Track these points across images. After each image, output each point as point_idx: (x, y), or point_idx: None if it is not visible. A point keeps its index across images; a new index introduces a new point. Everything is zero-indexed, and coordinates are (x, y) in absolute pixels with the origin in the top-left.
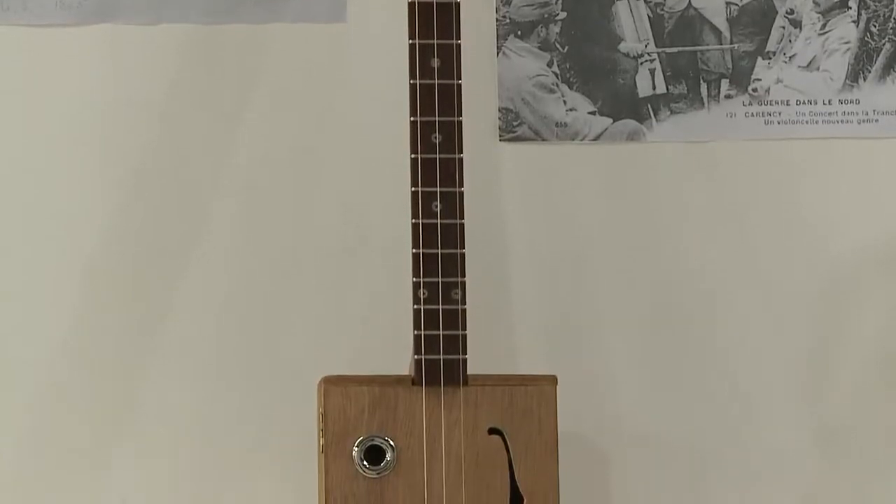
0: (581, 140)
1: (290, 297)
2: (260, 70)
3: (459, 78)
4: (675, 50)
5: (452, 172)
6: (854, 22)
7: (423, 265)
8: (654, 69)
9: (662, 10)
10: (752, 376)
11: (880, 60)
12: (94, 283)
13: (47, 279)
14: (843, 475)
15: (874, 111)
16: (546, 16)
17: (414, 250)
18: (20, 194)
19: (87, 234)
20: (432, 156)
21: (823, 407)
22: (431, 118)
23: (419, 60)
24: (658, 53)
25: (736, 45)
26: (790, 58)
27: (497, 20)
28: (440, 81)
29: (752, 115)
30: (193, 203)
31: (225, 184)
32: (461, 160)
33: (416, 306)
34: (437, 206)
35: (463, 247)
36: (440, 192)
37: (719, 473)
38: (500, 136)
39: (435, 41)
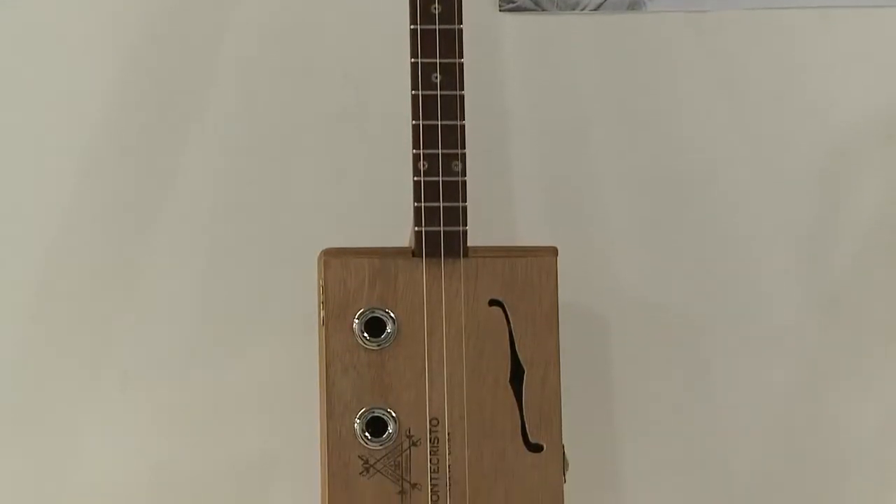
0: (581, 10)
1: (290, 170)
2: None
3: None
4: None
5: (452, 43)
6: None
7: (423, 137)
8: None
9: None
10: (753, 245)
11: None
12: (95, 152)
13: (50, 143)
14: (842, 344)
15: None
16: None
17: (414, 122)
18: (20, 66)
19: (91, 101)
20: (432, 27)
21: (823, 276)
22: None
23: None
24: None
25: None
26: None
27: None
28: None
29: None
30: (193, 72)
31: (225, 53)
32: (461, 31)
33: (416, 178)
34: (436, 78)
35: (463, 118)
36: (440, 63)
37: (720, 342)
38: (499, 6)
39: None
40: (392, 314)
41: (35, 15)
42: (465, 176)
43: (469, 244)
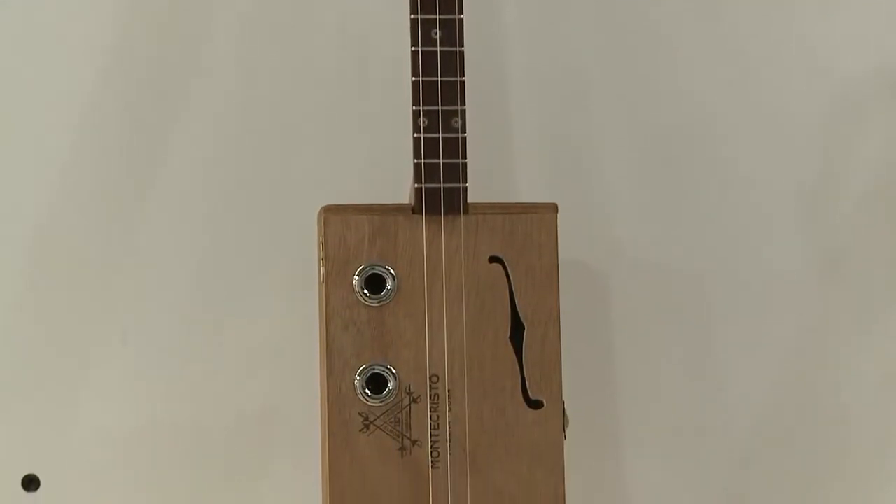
0: None
1: (290, 126)
2: None
3: None
4: None
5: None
6: None
7: (423, 93)
8: None
9: None
10: (754, 201)
11: None
12: (92, 111)
13: (49, 101)
14: (844, 300)
15: None
16: None
17: (413, 78)
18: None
19: (91, 56)
20: None
21: (825, 231)
22: None
23: None
24: None
25: None
26: None
27: None
28: None
29: None
30: (190, 29)
31: (223, 11)
32: None
33: (416, 135)
34: (436, 34)
35: (463, 74)
36: (440, 19)
37: (720, 299)
38: None
39: None
40: (392, 271)
41: None
42: (465, 132)
43: (469, 201)
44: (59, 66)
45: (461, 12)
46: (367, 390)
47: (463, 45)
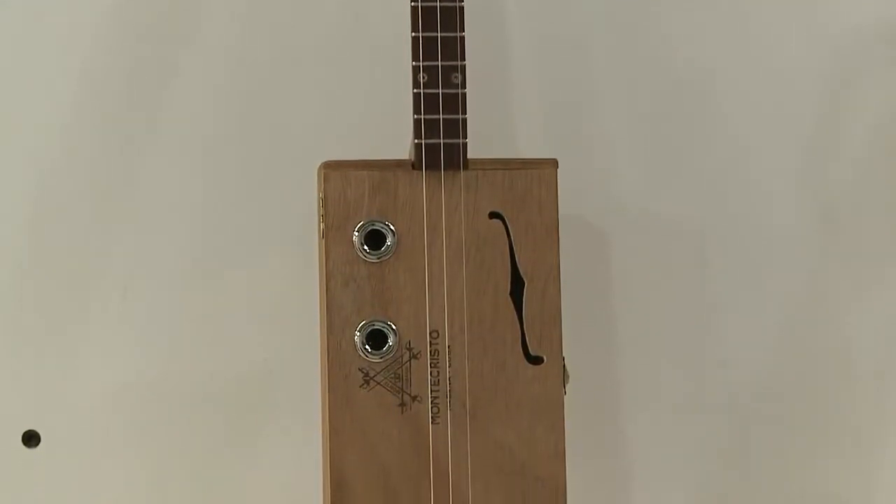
0: None
1: (290, 81)
2: None
3: None
4: None
5: None
6: None
7: (423, 49)
8: None
9: None
10: (754, 155)
11: None
12: (91, 63)
13: (49, 46)
14: (846, 253)
15: None
16: None
17: (413, 34)
18: None
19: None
20: None
21: (824, 183)
22: None
23: None
24: None
25: None
26: None
27: None
28: None
29: None
30: None
31: None
32: None
33: (415, 90)
34: None
35: (463, 30)
36: None
37: (721, 253)
38: None
39: None
40: (392, 227)
41: None
42: (465, 88)
43: (469, 157)
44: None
45: None
46: (367, 346)
47: (463, 1)
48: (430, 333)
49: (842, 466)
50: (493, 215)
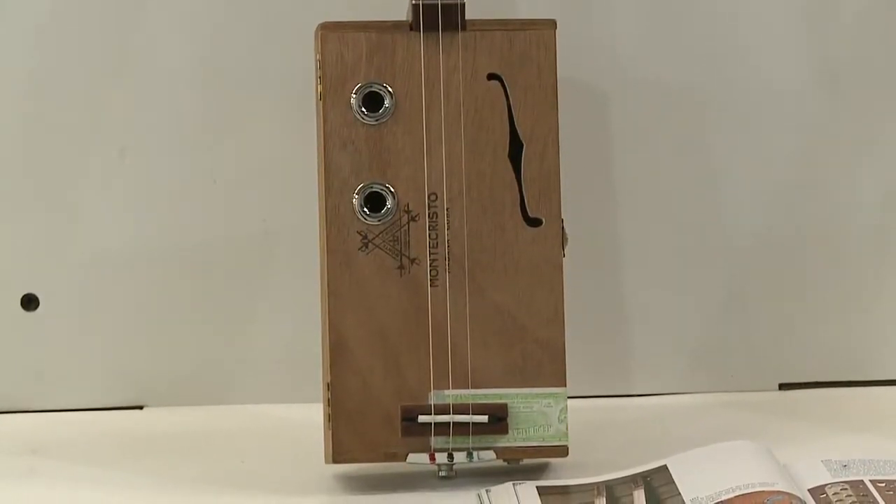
0: None
1: None
2: None
3: None
4: None
5: None
6: None
7: None
8: None
9: None
10: (753, 14)
11: None
12: None
13: None
14: (844, 112)
15: None
16: None
17: None
18: None
19: None
20: None
21: (825, 44)
22: None
23: None
24: None
25: None
26: None
27: None
28: None
29: None
30: None
31: None
32: None
33: None
34: None
35: None
36: None
37: (720, 114)
38: None
39: None
40: (390, 88)
41: None
42: None
43: (467, 17)
44: None
45: None
46: (365, 209)
47: None
48: (428, 196)
49: (842, 320)
50: (492, 77)
